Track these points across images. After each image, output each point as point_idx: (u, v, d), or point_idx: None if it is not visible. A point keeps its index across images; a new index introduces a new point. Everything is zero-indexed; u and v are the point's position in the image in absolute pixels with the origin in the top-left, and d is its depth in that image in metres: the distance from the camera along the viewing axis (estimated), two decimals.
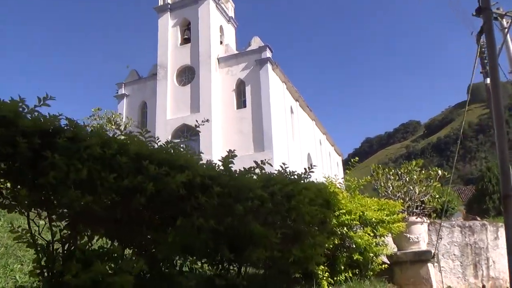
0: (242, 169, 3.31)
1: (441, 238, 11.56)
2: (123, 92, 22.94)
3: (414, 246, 5.27)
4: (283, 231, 3.01)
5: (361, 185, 5.42)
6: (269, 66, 19.98)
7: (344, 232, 4.38)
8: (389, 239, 5.48)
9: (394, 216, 5.12)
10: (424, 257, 5.20)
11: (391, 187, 5.73)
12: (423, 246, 5.30)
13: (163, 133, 20.39)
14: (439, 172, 5.65)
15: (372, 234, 4.72)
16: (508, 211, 2.93)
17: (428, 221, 5.48)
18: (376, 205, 5.05)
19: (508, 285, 11.66)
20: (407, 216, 5.24)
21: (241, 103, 20.32)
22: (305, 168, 3.86)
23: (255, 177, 3.12)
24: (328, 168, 30.44)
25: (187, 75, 21.49)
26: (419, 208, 5.44)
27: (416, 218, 5.42)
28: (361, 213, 4.60)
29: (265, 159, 4.34)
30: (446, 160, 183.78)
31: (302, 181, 3.54)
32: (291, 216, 3.12)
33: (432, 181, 5.68)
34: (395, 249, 5.41)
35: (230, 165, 2.87)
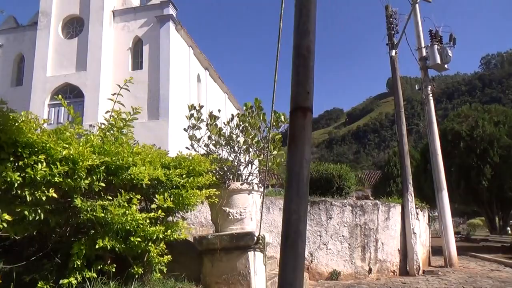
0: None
1: (330, 218, 10.61)
2: None
3: (235, 225, 3.45)
4: None
5: (128, 121, 3.44)
6: (171, 24, 17.68)
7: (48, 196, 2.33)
8: (200, 215, 3.88)
9: (199, 179, 3.25)
10: (243, 243, 3.36)
11: (208, 137, 4.04)
12: (249, 226, 3.59)
13: (41, 92, 17.36)
14: (282, 117, 4.13)
15: (160, 205, 2.93)
16: (301, 130, 1.42)
17: (262, 190, 3.85)
18: (165, 159, 3.26)
19: (395, 268, 11.12)
20: (228, 181, 3.59)
21: (137, 64, 17.85)
22: None
23: None
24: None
25: (75, 26, 18.40)
26: (248, 169, 3.80)
27: (241, 184, 3.68)
28: (104, 166, 2.67)
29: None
30: (363, 147, 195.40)
31: None
32: None
33: (269, 129, 4.07)
34: (208, 231, 3.75)
35: None
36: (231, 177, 3.61)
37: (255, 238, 3.07)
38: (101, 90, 16.71)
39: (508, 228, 23.71)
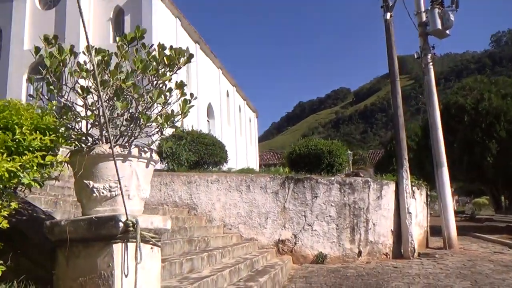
0: None
1: (316, 197, 9.70)
2: None
3: (103, 206, 2.39)
4: None
5: None
6: None
7: None
8: (174, 194, 2.78)
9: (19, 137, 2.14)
10: (105, 231, 2.23)
11: (54, 80, 2.86)
12: (127, 207, 2.31)
13: (18, 67, 16.44)
14: (179, 54, 3.05)
15: None
16: None
17: (148, 155, 2.66)
18: None
19: (387, 250, 10.23)
20: (91, 143, 2.46)
21: (119, 36, 16.69)
22: None
23: None
24: (237, 122, 28.17)
25: None
26: (130, 128, 2.59)
27: (111, 148, 2.39)
28: None
29: None
30: (371, 126, 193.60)
31: None
32: None
33: (169, 69, 2.96)
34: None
35: None
36: (101, 138, 2.60)
37: (121, 225, 2.05)
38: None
39: None
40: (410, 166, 10.49)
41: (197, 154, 11.05)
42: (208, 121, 22.61)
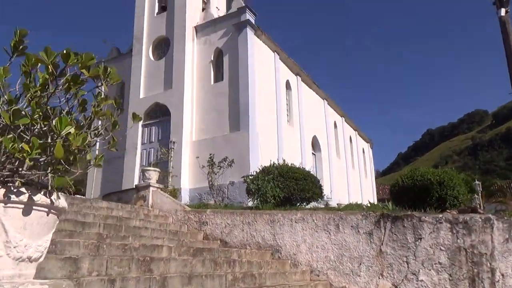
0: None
1: (420, 239, 8.05)
2: None
3: None
4: None
5: None
6: (249, 30, 16.73)
7: None
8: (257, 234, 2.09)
9: None
10: None
11: None
12: None
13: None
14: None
15: None
16: None
17: (46, 201, 1.93)
18: None
19: None
20: None
21: (220, 76, 17.34)
22: None
23: None
24: (348, 154, 26.63)
25: (163, 47, 18.93)
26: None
27: None
28: None
29: None
30: None
31: None
32: None
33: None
34: None
35: None
36: None
37: None
38: (185, 106, 16.63)
39: None
40: None
41: (286, 189, 10.34)
42: (314, 154, 21.77)
